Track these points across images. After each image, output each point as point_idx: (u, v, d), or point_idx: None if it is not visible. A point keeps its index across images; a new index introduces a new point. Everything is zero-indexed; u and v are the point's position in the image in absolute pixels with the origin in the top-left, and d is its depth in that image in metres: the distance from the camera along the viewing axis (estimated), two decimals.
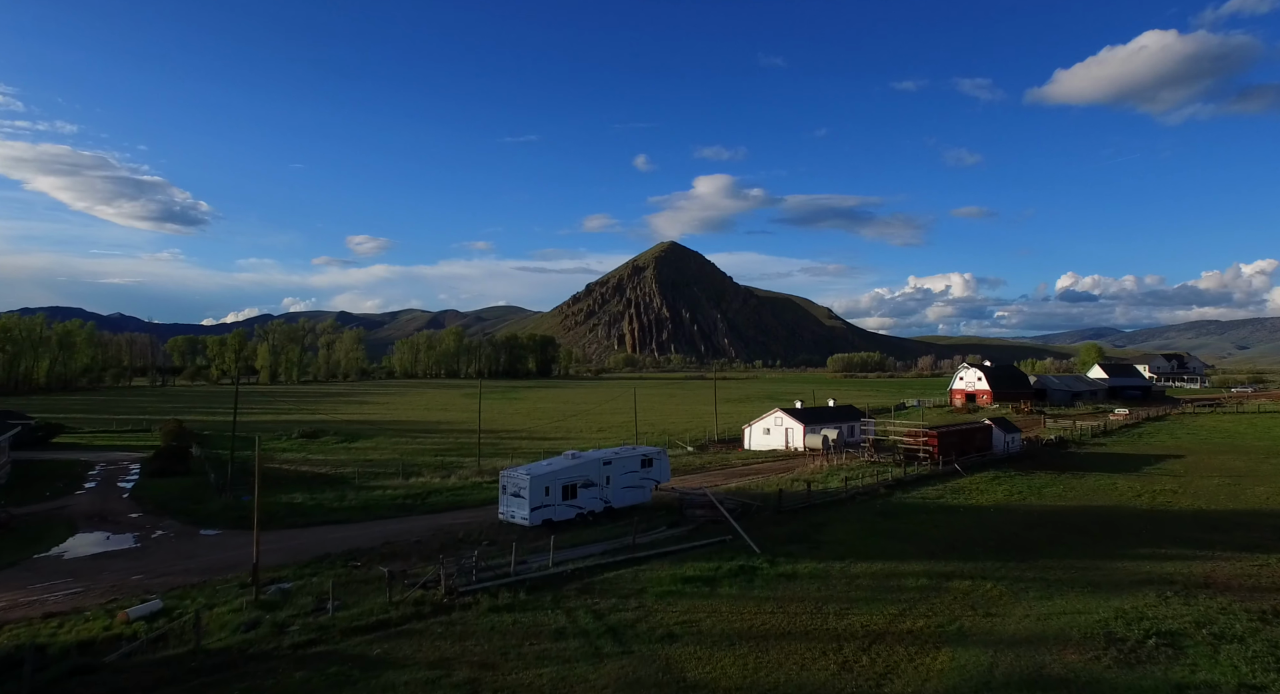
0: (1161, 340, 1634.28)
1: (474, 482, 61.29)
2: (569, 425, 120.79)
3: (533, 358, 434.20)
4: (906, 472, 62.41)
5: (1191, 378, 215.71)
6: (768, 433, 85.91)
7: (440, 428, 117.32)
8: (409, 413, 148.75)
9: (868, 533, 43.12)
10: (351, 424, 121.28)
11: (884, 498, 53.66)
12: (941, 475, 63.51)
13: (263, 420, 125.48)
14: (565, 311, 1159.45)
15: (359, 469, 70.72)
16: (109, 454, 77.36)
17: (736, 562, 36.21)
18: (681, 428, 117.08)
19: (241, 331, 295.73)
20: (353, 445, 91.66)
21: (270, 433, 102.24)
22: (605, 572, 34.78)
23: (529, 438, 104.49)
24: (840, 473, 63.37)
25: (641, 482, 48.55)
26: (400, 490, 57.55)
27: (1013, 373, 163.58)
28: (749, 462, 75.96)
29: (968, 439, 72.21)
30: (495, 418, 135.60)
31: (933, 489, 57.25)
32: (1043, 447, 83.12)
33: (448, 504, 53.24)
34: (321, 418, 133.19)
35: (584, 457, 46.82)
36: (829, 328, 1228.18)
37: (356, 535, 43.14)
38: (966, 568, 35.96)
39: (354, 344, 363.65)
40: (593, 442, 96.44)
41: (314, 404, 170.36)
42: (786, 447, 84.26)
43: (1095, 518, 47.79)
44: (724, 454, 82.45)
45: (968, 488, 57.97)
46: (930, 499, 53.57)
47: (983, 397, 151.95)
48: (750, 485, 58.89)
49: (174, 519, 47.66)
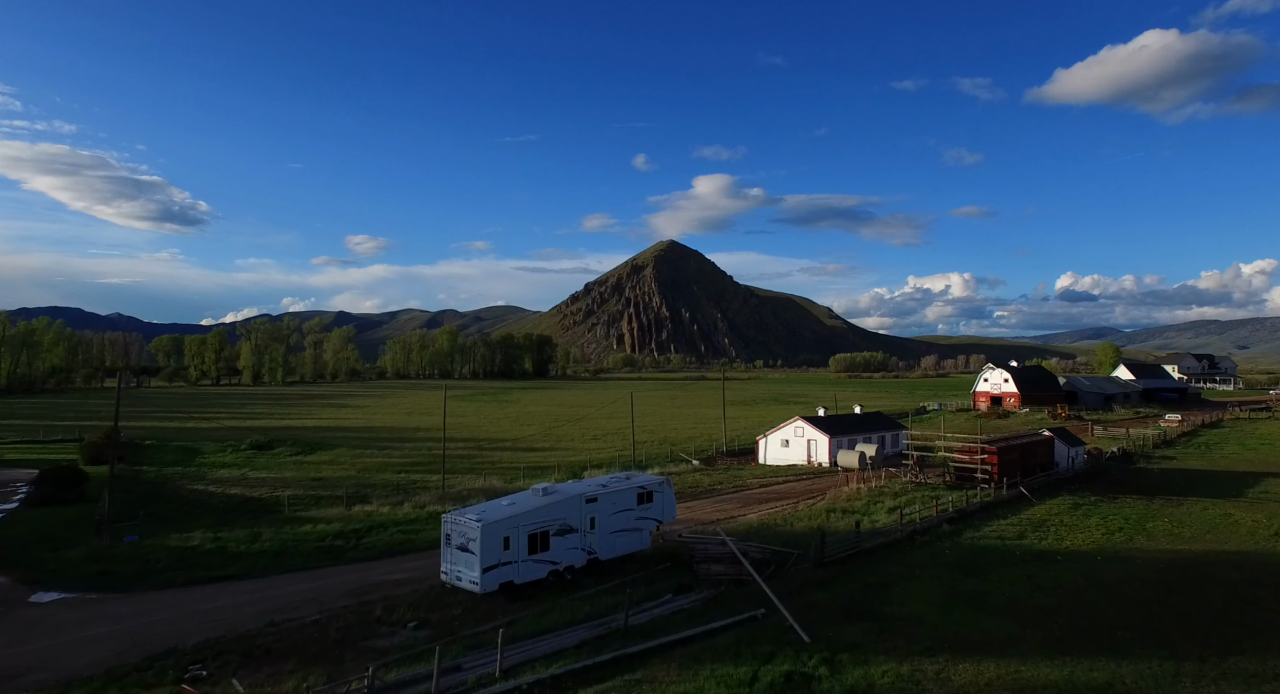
0: (1161, 340, 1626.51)
1: (430, 512, 49.31)
2: (561, 433, 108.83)
3: (529, 358, 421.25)
4: (968, 499, 50.45)
5: (1224, 379, 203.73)
6: (786, 445, 73.98)
7: (417, 436, 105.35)
8: (388, 418, 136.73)
9: (949, 599, 31.19)
10: (320, 431, 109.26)
11: (951, 538, 41.69)
12: (1008, 502, 51.58)
13: (223, 427, 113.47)
14: (563, 311, 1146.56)
15: (301, 492, 58.81)
16: (6, 473, 65.32)
17: (781, 664, 24.19)
18: (685, 436, 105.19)
19: (222, 331, 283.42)
20: (307, 459, 79.67)
21: (224, 442, 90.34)
22: (582, 686, 22.81)
23: (513, 448, 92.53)
24: (884, 500, 51.45)
25: (638, 523, 36.57)
26: (335, 525, 45.59)
27: (1041, 374, 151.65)
28: (767, 480, 64.01)
29: (1030, 455, 60.33)
30: (481, 424, 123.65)
31: (1006, 524, 45.29)
32: (1107, 461, 71.19)
33: (388, 547, 41.29)
34: (290, 424, 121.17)
35: (559, 492, 34.69)
36: (830, 327, 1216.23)
37: (241, 606, 31.18)
38: (1126, 673, 23.98)
39: (343, 344, 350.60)
40: (585, 453, 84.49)
41: (288, 408, 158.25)
42: (809, 461, 72.38)
43: (1251, 574, 35.79)
44: (736, 470, 70.53)
45: (1049, 521, 46.01)
46: (1010, 540, 41.60)
47: (1010, 400, 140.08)
48: (776, 518, 46.94)
49: (6, 574, 35.61)
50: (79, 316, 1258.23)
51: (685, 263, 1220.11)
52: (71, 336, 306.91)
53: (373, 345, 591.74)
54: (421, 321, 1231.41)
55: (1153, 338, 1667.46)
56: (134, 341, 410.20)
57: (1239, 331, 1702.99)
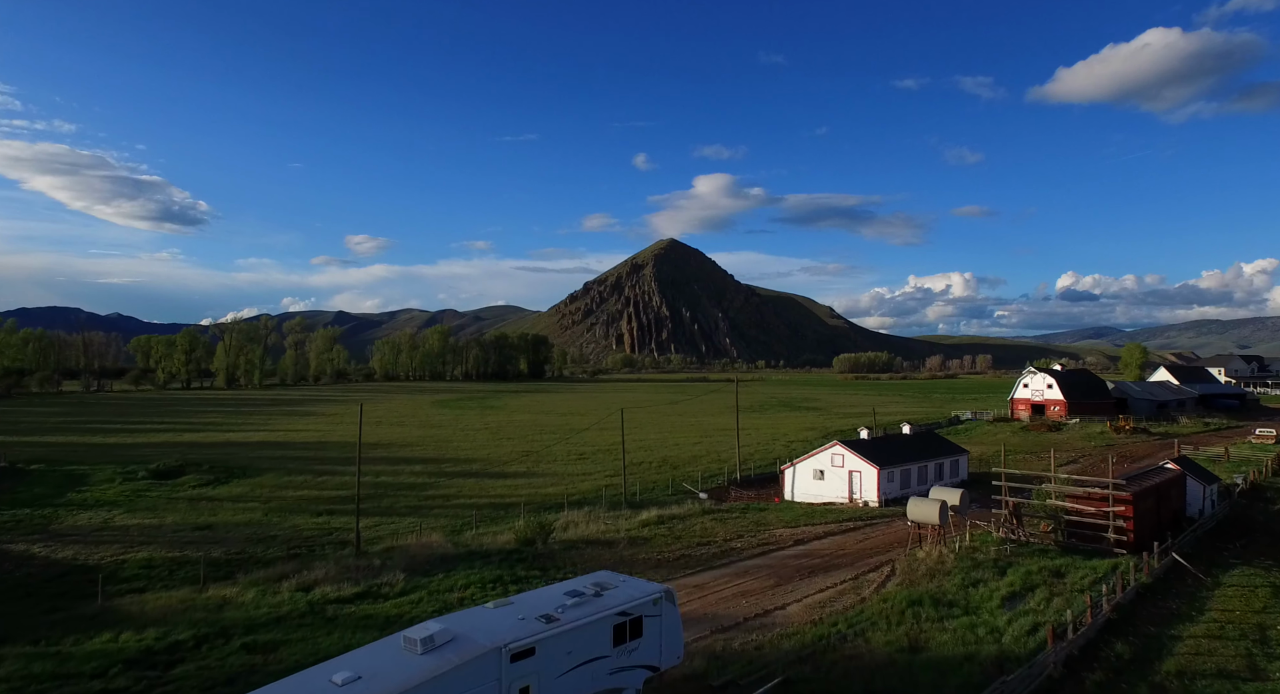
0: (1163, 340, 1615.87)
1: (314, 600, 33.02)
2: (542, 452, 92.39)
3: (524, 359, 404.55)
4: (1123, 581, 33.94)
5: (1276, 382, 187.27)
6: (820, 477, 57.68)
7: (372, 454, 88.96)
8: (352, 428, 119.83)
9: None
10: (259, 449, 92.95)
11: (1138, 672, 25.30)
12: (1164, 581, 35.30)
13: (145, 443, 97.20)
14: (562, 311, 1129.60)
15: (160, 552, 42.63)
16: None
17: None
18: (688, 453, 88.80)
19: (192, 331, 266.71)
20: (212, 493, 63.33)
21: (127, 465, 74.17)
22: None
23: (480, 473, 76.15)
24: (985, 575, 35.11)
25: (615, 679, 20.23)
26: (149, 635, 29.12)
27: (1089, 379, 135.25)
28: (801, 529, 47.68)
29: (1164, 500, 44.10)
30: (452, 438, 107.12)
31: (1200, 631, 29.00)
32: (1243, 500, 54.76)
33: (205, 690, 24.85)
34: (230, 438, 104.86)
35: (467, 636, 18.18)
36: (832, 327, 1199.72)
37: None
38: None
39: (328, 344, 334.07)
40: (566, 481, 68.07)
41: (244, 417, 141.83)
42: (850, 498, 56.09)
43: None
44: (757, 510, 54.16)
45: (1263, 624, 29.74)
46: (1238, 672, 25.26)
47: (1054, 408, 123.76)
48: (837, 617, 30.47)
49: None
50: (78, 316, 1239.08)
51: (686, 262, 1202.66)
52: (42, 336, 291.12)
53: (372, 345, 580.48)
54: (421, 321, 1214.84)
55: (1154, 337, 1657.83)
56: (112, 342, 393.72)
57: (1240, 331, 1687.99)
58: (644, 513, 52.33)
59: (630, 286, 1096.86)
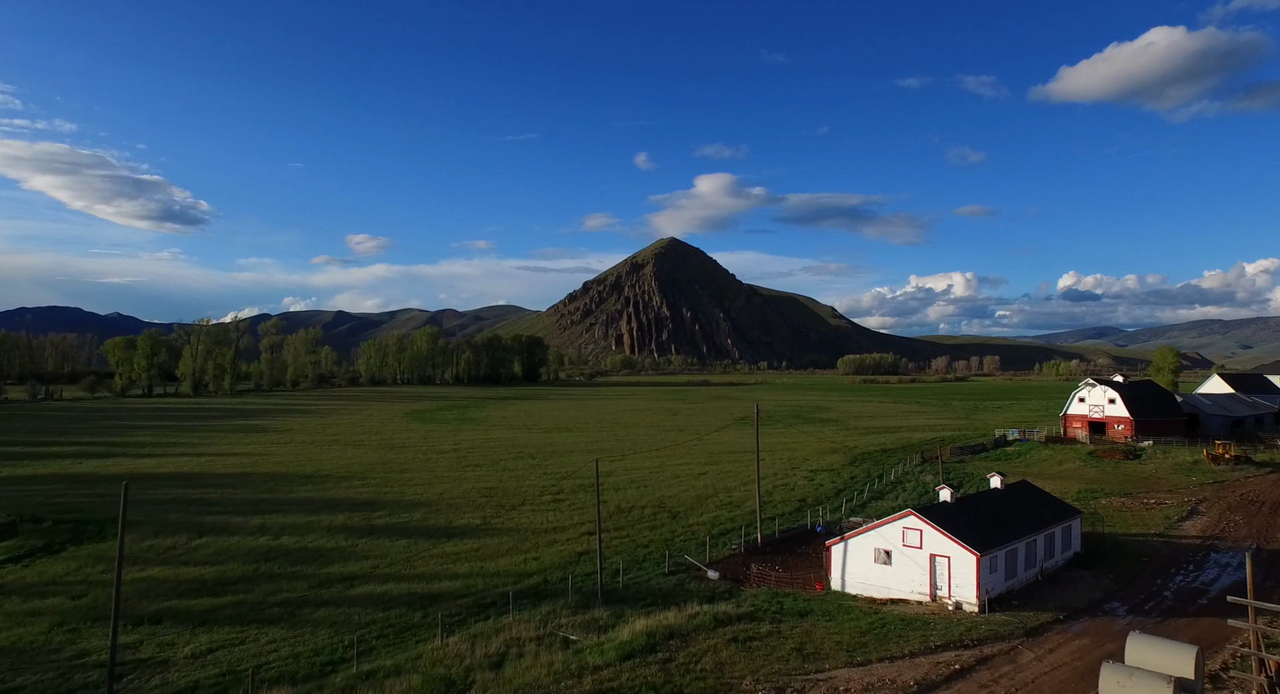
0: (1164, 339, 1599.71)
1: None
2: (508, 486, 74.11)
3: (518, 361, 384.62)
4: None
5: None
6: (886, 560, 39.60)
7: (299, 493, 70.88)
8: (298, 451, 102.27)
9: None
10: (157, 484, 75.02)
11: None
12: None
13: (26, 475, 79.41)
14: (561, 311, 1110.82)
15: None
16: None
17: None
18: (690, 492, 70.48)
19: (153, 333, 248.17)
20: (21, 572, 45.24)
21: None
22: None
23: (417, 531, 57.62)
24: None
25: None
26: None
27: (1156, 393, 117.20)
28: (872, 666, 29.66)
29: None
30: (410, 465, 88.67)
31: None
32: None
33: None
34: (139, 466, 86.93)
35: None
36: (834, 327, 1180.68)
37: None
38: None
39: (306, 347, 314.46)
40: (528, 547, 49.71)
41: (179, 435, 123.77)
42: (932, 593, 38.09)
43: None
44: (795, 616, 36.14)
45: None
46: None
47: (1118, 427, 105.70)
48: None
49: None
50: (79, 316, 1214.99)
51: (686, 261, 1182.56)
52: (5, 338, 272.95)
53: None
54: (421, 321, 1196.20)
55: (1156, 337, 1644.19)
56: (85, 343, 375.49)
57: (1242, 331, 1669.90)
58: (625, 626, 34.44)
59: (630, 286, 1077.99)
